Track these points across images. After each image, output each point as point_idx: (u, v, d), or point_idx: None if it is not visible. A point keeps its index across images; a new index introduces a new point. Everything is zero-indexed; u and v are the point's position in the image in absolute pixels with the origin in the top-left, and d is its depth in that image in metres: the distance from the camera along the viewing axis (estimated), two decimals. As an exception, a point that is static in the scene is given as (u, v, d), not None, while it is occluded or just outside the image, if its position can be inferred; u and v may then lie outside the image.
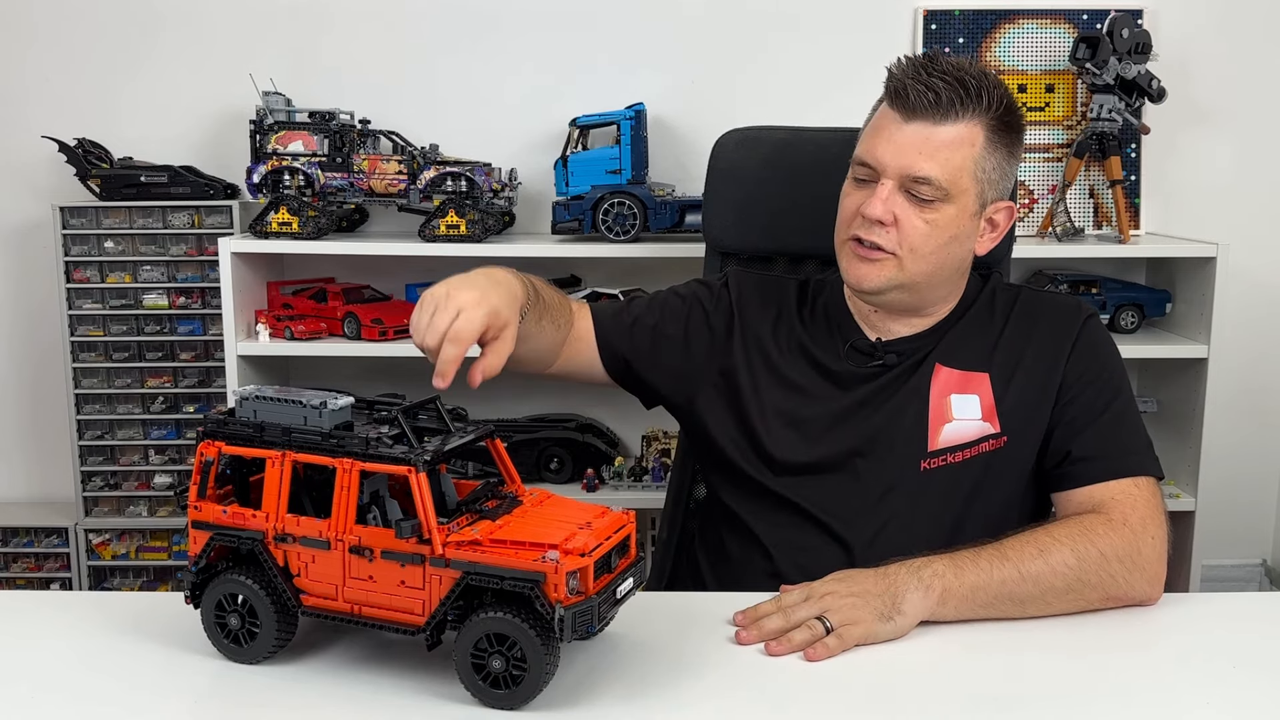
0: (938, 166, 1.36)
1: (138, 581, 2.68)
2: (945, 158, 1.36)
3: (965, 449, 1.41)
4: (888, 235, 1.38)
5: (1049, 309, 1.49)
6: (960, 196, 1.38)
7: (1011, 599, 1.23)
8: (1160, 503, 1.35)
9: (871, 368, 1.47)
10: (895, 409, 1.44)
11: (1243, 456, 2.72)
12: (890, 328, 1.48)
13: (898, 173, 1.37)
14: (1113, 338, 1.50)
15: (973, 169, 1.38)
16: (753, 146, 1.80)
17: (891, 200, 1.37)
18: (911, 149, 1.36)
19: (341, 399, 1.08)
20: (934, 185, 1.36)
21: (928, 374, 1.44)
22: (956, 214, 1.39)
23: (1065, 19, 2.62)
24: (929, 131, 1.36)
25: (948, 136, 1.36)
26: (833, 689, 1.09)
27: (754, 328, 1.52)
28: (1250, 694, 1.09)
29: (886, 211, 1.37)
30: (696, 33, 2.62)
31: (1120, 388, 1.44)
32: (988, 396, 1.42)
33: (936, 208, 1.37)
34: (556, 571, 0.97)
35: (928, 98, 1.35)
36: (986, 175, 1.39)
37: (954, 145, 1.36)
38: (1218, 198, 2.67)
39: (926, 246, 1.38)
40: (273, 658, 1.10)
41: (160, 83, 2.65)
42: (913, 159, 1.36)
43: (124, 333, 2.58)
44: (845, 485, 1.43)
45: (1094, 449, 1.38)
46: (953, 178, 1.36)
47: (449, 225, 2.38)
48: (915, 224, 1.37)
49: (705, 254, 1.85)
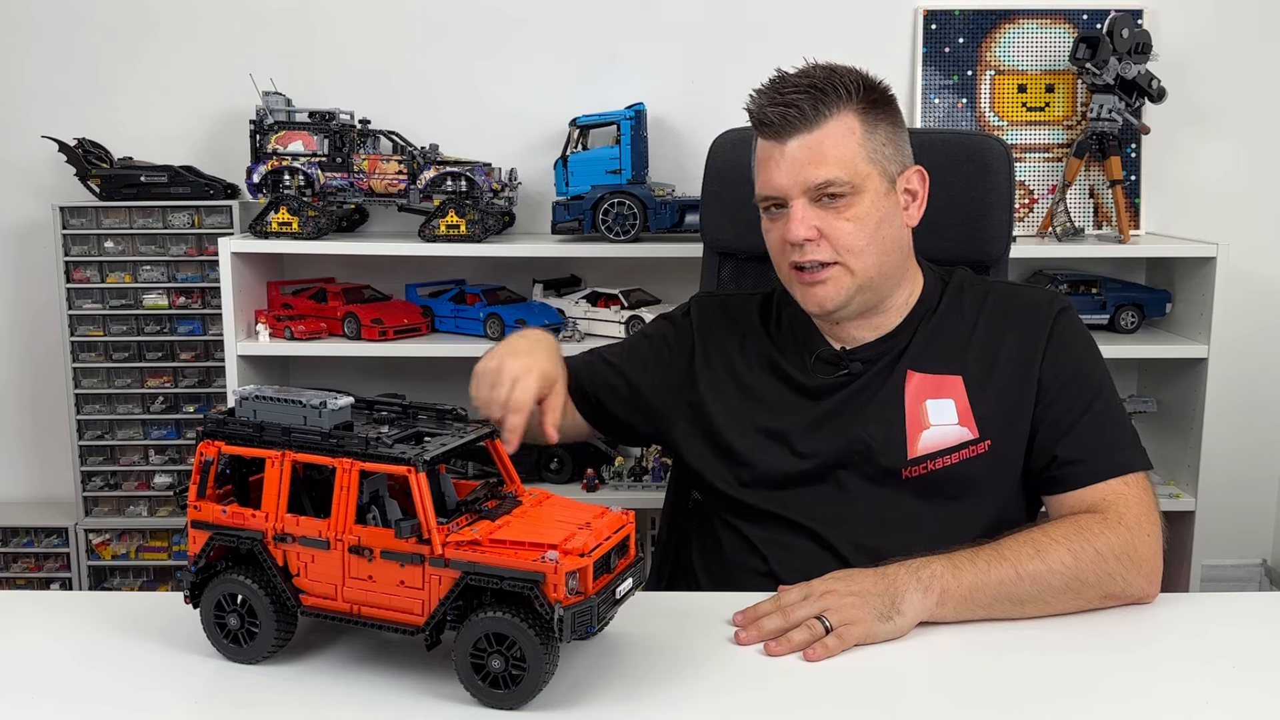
0: (832, 166, 1.37)
1: (138, 581, 2.68)
2: (835, 155, 1.38)
3: (946, 455, 1.40)
4: (820, 249, 1.40)
5: (1020, 306, 1.48)
6: (866, 183, 1.39)
7: (1010, 599, 1.24)
8: (1152, 498, 1.35)
9: (839, 377, 1.47)
10: (870, 418, 1.43)
11: (1243, 456, 2.72)
12: (854, 335, 1.48)
13: (800, 189, 1.38)
14: (1088, 328, 1.49)
15: (864, 154, 1.39)
16: (749, 147, 1.79)
17: (807, 216, 1.39)
18: (800, 163, 1.38)
19: (341, 399, 1.08)
20: (837, 183, 1.38)
21: (900, 381, 1.44)
22: (872, 200, 1.40)
23: (1065, 19, 2.62)
24: (808, 141, 1.38)
25: (826, 136, 1.38)
26: (832, 689, 1.09)
27: (721, 351, 1.54)
28: (1250, 694, 1.09)
29: (809, 228, 1.39)
30: (696, 33, 2.62)
31: (1100, 382, 1.43)
32: (962, 399, 1.42)
33: (851, 203, 1.39)
34: (556, 571, 0.97)
35: (791, 115, 1.37)
36: (880, 153, 1.41)
37: (836, 141, 1.38)
38: (1218, 198, 2.67)
39: (860, 241, 1.40)
40: (272, 658, 1.10)
41: (160, 83, 2.65)
42: (806, 171, 1.38)
43: (124, 333, 2.58)
44: (829, 496, 1.43)
45: (1081, 451, 1.38)
46: (850, 169, 1.38)
47: (449, 225, 2.38)
48: (840, 226, 1.39)
49: (703, 254, 1.85)
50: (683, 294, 2.50)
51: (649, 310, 2.43)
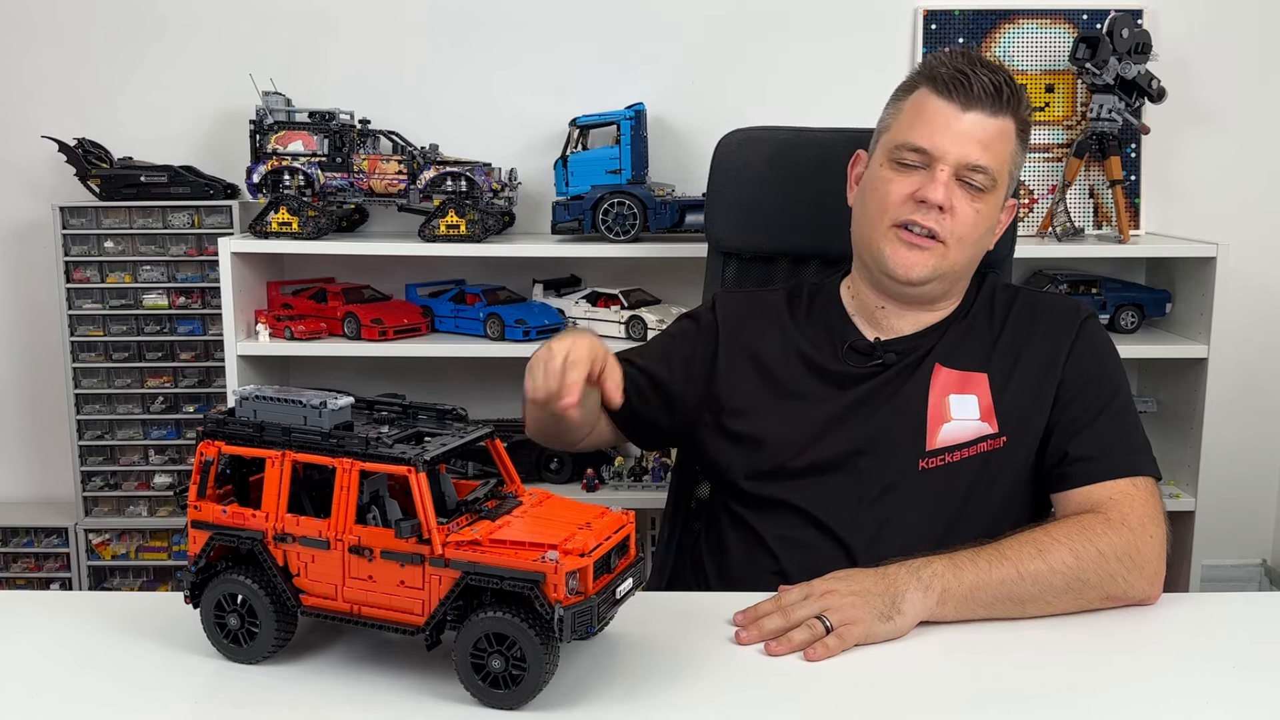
0: (993, 157, 1.41)
1: (138, 581, 2.68)
2: (997, 149, 1.41)
3: (963, 448, 1.41)
4: (943, 221, 1.41)
5: (1047, 309, 1.50)
6: (1000, 188, 1.44)
7: (1011, 598, 1.24)
8: (1159, 502, 1.35)
9: (870, 367, 1.48)
10: (895, 408, 1.44)
11: (1243, 456, 2.72)
12: (895, 325, 1.49)
13: (956, 160, 1.40)
14: (1111, 338, 1.50)
15: (1009, 163, 1.44)
16: (755, 147, 1.80)
17: (951, 185, 1.40)
18: (970, 138, 1.40)
19: (341, 399, 1.08)
20: (988, 174, 1.41)
21: (927, 374, 1.45)
22: (994, 204, 1.44)
23: (1065, 19, 2.62)
24: (986, 122, 1.40)
25: (999, 129, 1.41)
26: (832, 689, 1.09)
27: (747, 344, 1.54)
28: (1250, 694, 1.09)
29: (948, 196, 1.40)
30: (696, 33, 2.62)
31: (1119, 388, 1.44)
32: (986, 397, 1.43)
33: (984, 197, 1.42)
34: (556, 571, 0.97)
35: (989, 89, 1.39)
36: (1015, 169, 1.47)
37: (1002, 138, 1.42)
38: (1218, 198, 2.67)
39: (973, 235, 1.43)
40: (272, 658, 1.10)
41: (160, 83, 2.65)
42: (972, 148, 1.40)
43: (124, 333, 2.58)
44: (845, 485, 1.43)
45: (1093, 449, 1.39)
46: (999, 169, 1.42)
47: (449, 225, 2.38)
48: (967, 211, 1.41)
49: (707, 254, 1.85)
50: (683, 294, 2.53)
51: (649, 310, 2.43)
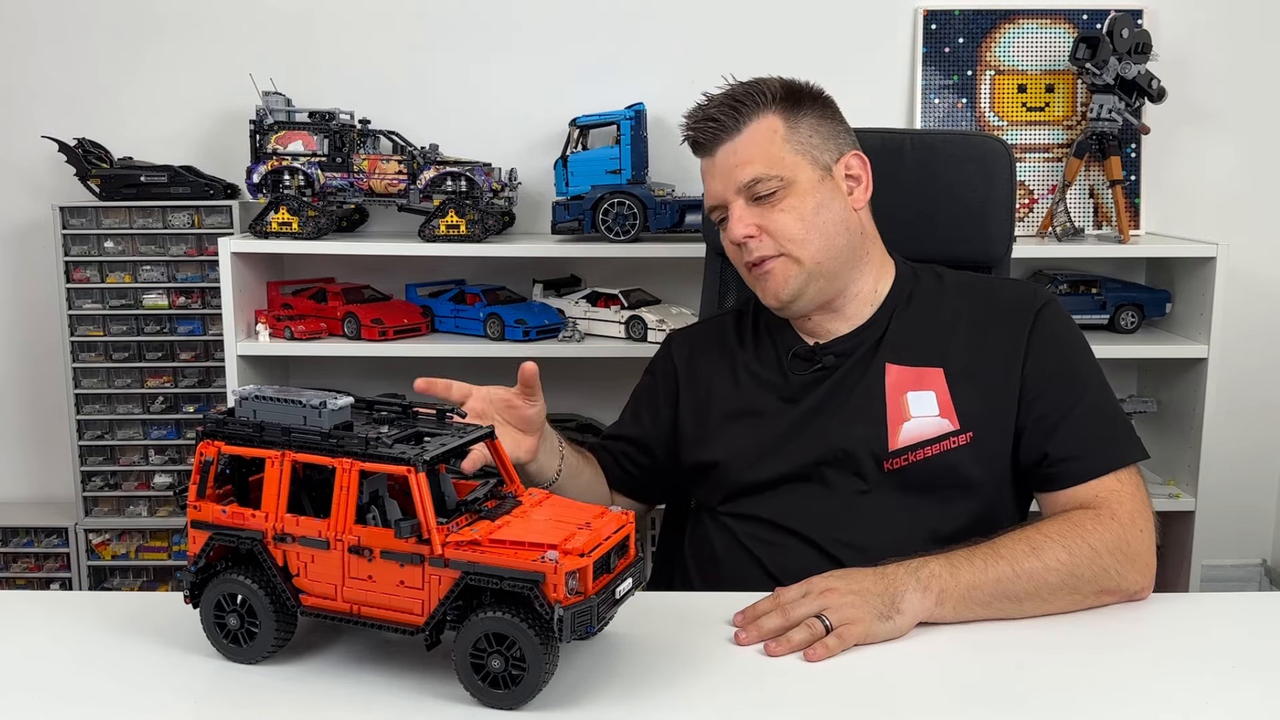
0: (757, 164, 1.43)
1: (138, 581, 2.68)
2: (758, 154, 1.44)
3: (927, 446, 1.41)
4: (763, 244, 1.45)
5: (1002, 301, 1.49)
6: (796, 174, 1.44)
7: (1008, 597, 1.24)
8: (1144, 493, 1.36)
9: (814, 372, 1.49)
10: (852, 413, 1.45)
11: (1243, 456, 2.72)
12: (826, 328, 1.51)
13: (733, 190, 1.45)
14: (1073, 318, 1.50)
15: (788, 148, 1.45)
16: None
17: (745, 215, 1.45)
18: (728, 168, 1.45)
19: (341, 399, 1.08)
20: (764, 178, 1.43)
21: (880, 374, 1.45)
22: (806, 188, 1.44)
23: (1065, 19, 2.62)
24: (733, 147, 1.45)
25: (748, 139, 1.45)
26: (832, 689, 1.09)
27: (704, 379, 1.58)
28: (1250, 694, 1.09)
29: (748, 225, 1.45)
30: (696, 33, 2.62)
31: (1087, 376, 1.44)
32: (943, 392, 1.43)
33: (783, 196, 1.44)
34: (556, 572, 0.97)
35: (712, 128, 1.45)
36: (807, 144, 1.46)
37: (758, 141, 1.44)
38: (1218, 198, 2.67)
39: (799, 230, 1.44)
40: (272, 658, 1.10)
41: (160, 83, 2.65)
42: (733, 173, 1.45)
43: (124, 333, 2.58)
44: (816, 494, 1.44)
45: (1072, 448, 1.39)
46: (774, 164, 1.43)
47: (449, 225, 2.38)
48: (777, 219, 1.44)
49: (707, 254, 1.85)
50: (683, 294, 2.53)
51: (649, 310, 2.43)
